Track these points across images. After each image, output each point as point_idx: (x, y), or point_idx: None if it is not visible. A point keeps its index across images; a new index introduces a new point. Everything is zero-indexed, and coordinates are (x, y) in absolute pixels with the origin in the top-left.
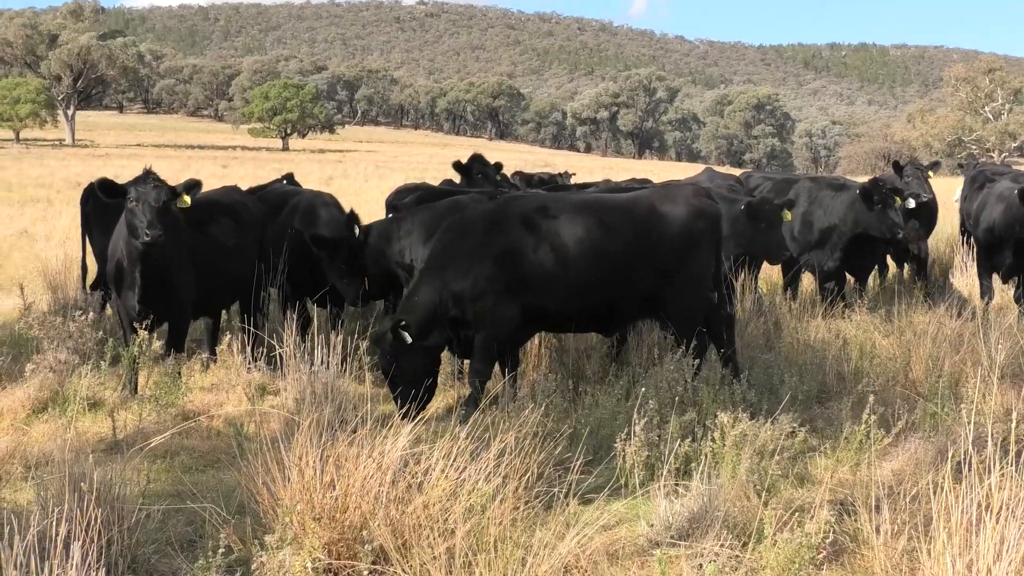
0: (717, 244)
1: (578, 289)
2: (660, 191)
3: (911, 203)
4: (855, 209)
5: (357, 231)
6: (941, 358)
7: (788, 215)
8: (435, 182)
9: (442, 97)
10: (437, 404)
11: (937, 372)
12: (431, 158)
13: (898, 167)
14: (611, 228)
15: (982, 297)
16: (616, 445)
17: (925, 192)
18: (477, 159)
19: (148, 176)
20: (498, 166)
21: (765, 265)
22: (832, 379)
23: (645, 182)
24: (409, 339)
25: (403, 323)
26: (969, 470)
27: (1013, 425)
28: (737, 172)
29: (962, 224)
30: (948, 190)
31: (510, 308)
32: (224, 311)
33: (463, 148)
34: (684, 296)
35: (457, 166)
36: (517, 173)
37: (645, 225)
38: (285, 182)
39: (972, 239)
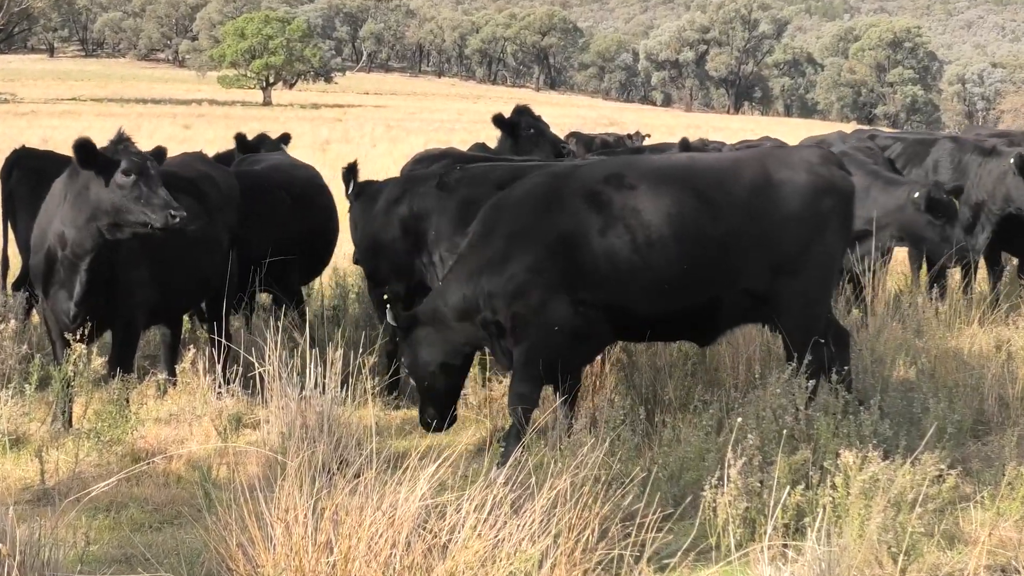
0: (848, 229)
1: (664, 284)
2: (774, 153)
3: None
4: (1007, 183)
5: (350, 188)
6: None
7: None
8: (464, 146)
9: (474, 34)
10: (468, 438)
11: None
12: (460, 115)
13: None
14: (709, 202)
15: None
16: (704, 493)
17: None
18: (525, 112)
19: (124, 140)
20: (557, 153)
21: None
22: (993, 405)
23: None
24: (391, 318)
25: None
26: None
27: None
28: (867, 129)
29: None
30: None
31: (564, 311)
32: (186, 318)
33: (502, 102)
34: (804, 296)
35: (499, 121)
36: (572, 134)
37: (756, 199)
38: (282, 146)
39: None
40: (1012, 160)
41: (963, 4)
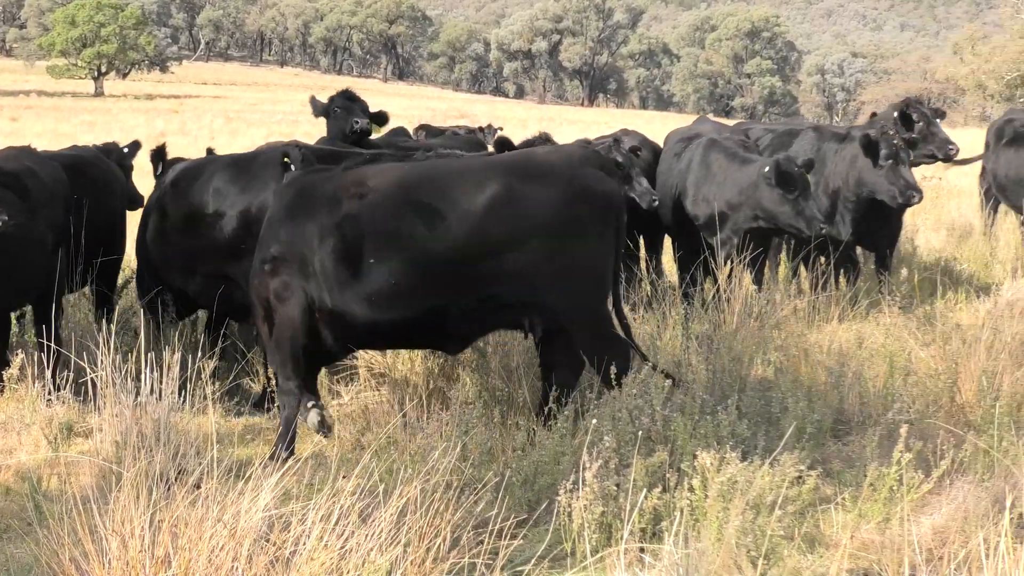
0: (609, 231)
1: (383, 293)
2: (528, 156)
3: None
4: (858, 167)
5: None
6: (999, 374)
7: None
8: (310, 140)
9: (318, 22)
10: (312, 446)
11: (993, 393)
12: (304, 106)
13: (906, 116)
14: (436, 211)
15: None
16: (559, 498)
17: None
18: (339, 96)
19: None
20: (378, 117)
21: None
22: (853, 404)
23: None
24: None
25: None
26: None
27: None
28: (728, 123)
29: (987, 191)
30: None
31: (297, 307)
32: (14, 320)
33: None
34: (570, 302)
35: (316, 105)
36: (422, 127)
37: (500, 206)
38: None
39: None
40: (859, 141)
41: None
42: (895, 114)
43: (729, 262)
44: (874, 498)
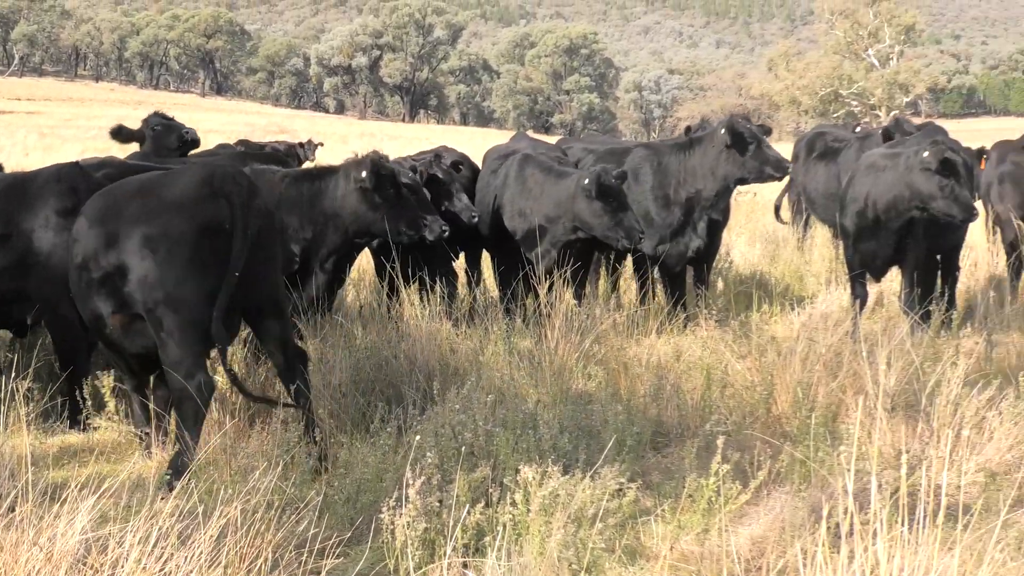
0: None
1: None
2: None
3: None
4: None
5: None
6: (814, 385)
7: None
8: (125, 155)
9: (134, 36)
10: (131, 467)
11: (809, 404)
12: (120, 122)
13: (736, 135)
14: None
15: (853, 302)
16: (382, 515)
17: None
18: (158, 116)
19: None
20: (182, 140)
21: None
22: (672, 417)
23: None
24: None
25: None
26: (850, 534)
27: (904, 471)
28: (549, 140)
29: (796, 205)
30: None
31: None
32: None
33: (165, 108)
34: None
35: (119, 133)
36: (241, 142)
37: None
38: None
39: (810, 221)
40: (726, 135)
41: (640, 9)
42: (722, 131)
43: (550, 277)
44: (693, 509)
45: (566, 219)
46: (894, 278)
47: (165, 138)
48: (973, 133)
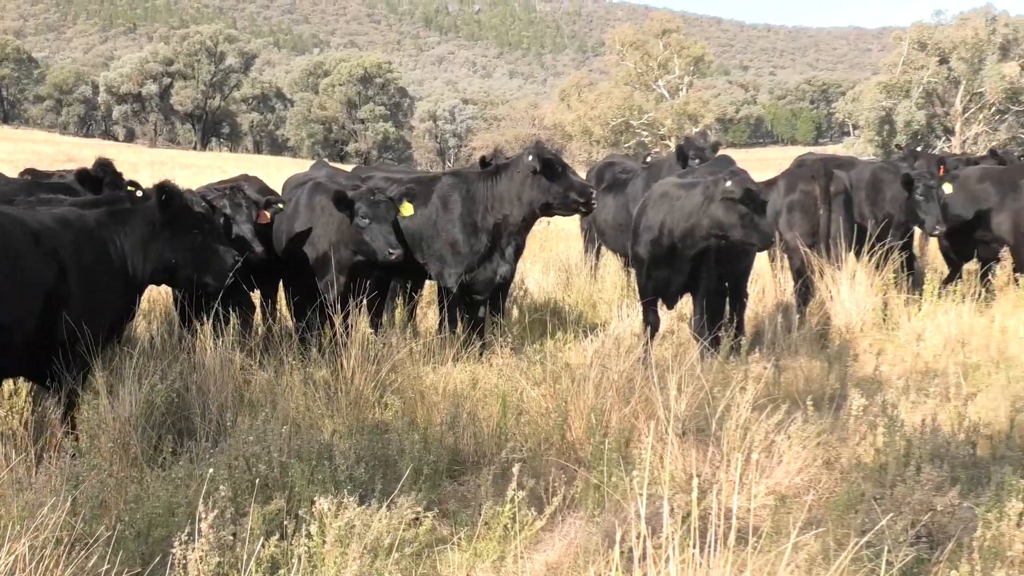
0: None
1: None
2: None
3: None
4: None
5: None
6: (607, 411)
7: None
8: None
9: None
10: None
11: (602, 430)
12: None
13: (547, 164)
14: None
15: (645, 329)
16: (174, 550)
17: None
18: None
19: None
20: None
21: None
22: (468, 444)
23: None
24: None
25: None
26: (643, 558)
27: (695, 495)
28: (344, 168)
29: (587, 234)
30: None
31: None
32: None
33: None
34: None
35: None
36: (28, 171)
37: None
38: None
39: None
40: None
41: (433, 39)
42: (530, 157)
43: (346, 305)
44: (489, 537)
45: (344, 244)
46: (684, 305)
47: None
48: (761, 162)
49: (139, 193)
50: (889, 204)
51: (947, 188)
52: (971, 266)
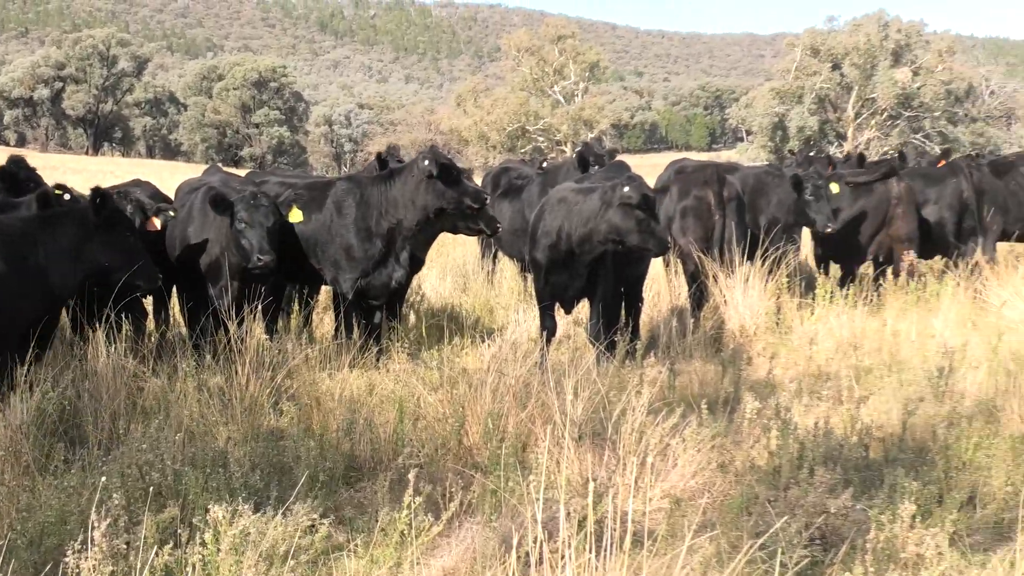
0: None
1: None
2: None
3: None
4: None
5: None
6: (504, 416)
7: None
8: None
9: None
10: None
11: (499, 435)
12: None
13: (445, 169)
14: None
15: (542, 333)
16: (67, 559)
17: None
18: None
19: None
20: None
21: None
22: (365, 451)
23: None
24: None
25: None
26: (540, 562)
27: (591, 499)
28: (239, 173)
29: (484, 240)
30: None
31: None
32: None
33: None
34: None
35: None
36: None
37: None
38: None
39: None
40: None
41: (329, 44)
42: (425, 162)
43: (241, 311)
44: (386, 543)
45: (230, 251)
46: (581, 310)
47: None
48: (655, 168)
49: (67, 197)
50: (775, 208)
51: (834, 188)
52: (865, 269)
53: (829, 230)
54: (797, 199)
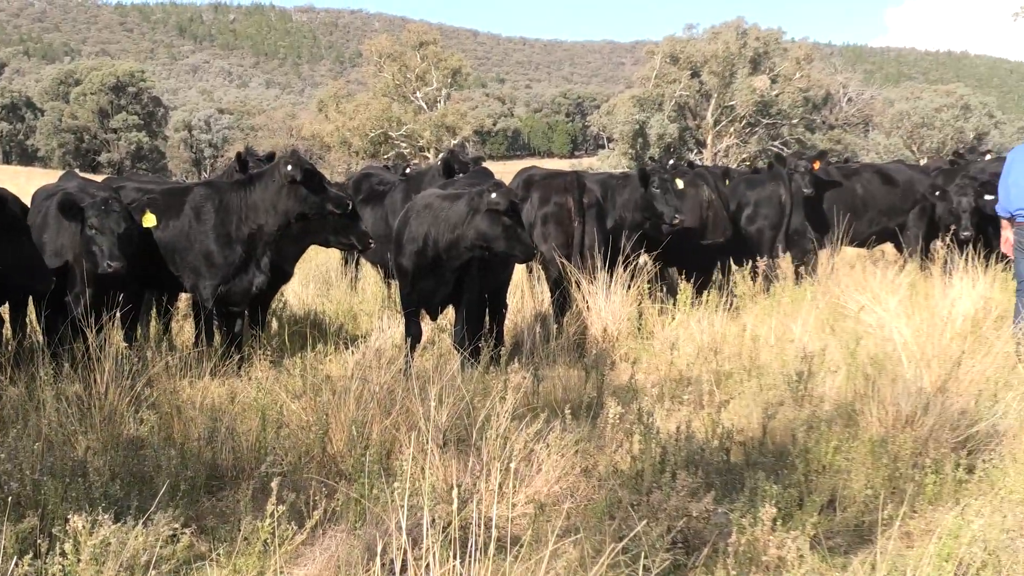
0: None
1: None
2: None
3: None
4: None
5: None
6: (368, 423)
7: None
8: None
9: None
10: None
11: (363, 442)
12: None
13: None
14: None
15: (407, 340)
16: None
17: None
18: None
19: None
20: None
21: None
22: (227, 459)
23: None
24: None
25: None
26: (404, 569)
27: (455, 505)
28: (97, 179)
29: None
30: None
31: None
32: None
33: None
34: None
35: None
36: None
37: None
38: None
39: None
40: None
41: (188, 48)
42: (288, 167)
43: (99, 319)
44: (248, 552)
45: (82, 254)
46: (445, 316)
47: None
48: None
49: None
50: (620, 208)
51: (679, 183)
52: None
53: (676, 222)
54: (644, 193)
